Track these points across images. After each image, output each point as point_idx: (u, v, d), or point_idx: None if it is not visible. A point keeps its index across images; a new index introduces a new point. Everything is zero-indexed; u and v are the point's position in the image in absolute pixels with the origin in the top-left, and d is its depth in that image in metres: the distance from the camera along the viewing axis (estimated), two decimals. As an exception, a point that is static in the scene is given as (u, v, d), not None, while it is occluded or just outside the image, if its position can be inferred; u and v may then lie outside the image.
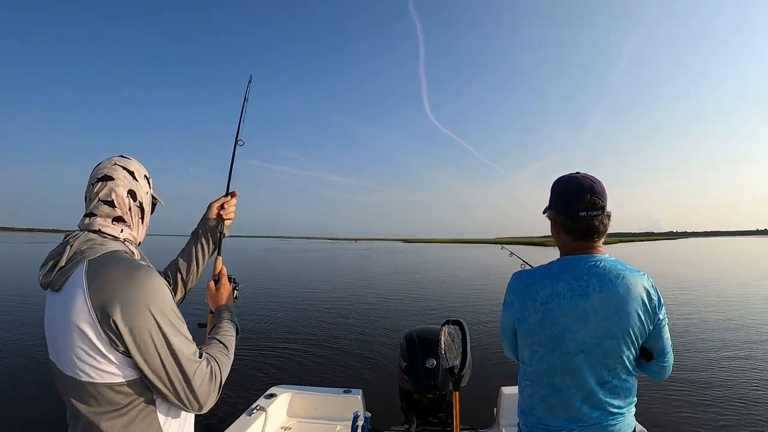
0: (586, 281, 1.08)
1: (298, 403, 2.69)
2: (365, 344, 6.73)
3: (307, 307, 10.16)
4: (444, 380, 2.39)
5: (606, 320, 1.06)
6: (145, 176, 1.05)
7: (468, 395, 2.21)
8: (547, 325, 1.10)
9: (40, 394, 4.53)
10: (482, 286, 14.54)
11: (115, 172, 0.98)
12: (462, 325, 1.93)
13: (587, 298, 1.07)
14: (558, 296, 1.09)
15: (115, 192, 0.97)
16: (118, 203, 0.97)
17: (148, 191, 1.06)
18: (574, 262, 1.12)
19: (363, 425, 2.22)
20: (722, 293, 12.26)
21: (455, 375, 1.82)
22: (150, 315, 0.82)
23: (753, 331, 7.41)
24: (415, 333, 2.69)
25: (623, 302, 1.06)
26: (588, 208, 1.10)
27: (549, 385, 1.13)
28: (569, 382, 1.10)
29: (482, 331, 7.24)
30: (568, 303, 1.08)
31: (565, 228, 1.15)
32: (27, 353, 6.13)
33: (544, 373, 1.13)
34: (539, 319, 1.11)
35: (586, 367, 1.09)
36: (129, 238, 1.00)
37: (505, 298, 1.24)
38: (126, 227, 0.99)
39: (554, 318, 1.09)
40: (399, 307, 10.21)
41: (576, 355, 1.08)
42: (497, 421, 2.57)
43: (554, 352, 1.10)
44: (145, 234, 1.09)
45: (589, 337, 1.07)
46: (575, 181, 1.15)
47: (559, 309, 1.08)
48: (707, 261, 27.19)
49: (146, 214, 1.06)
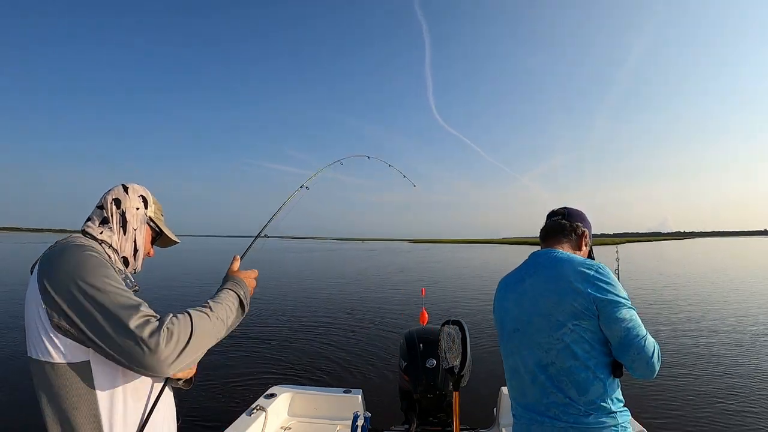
0: (525, 270, 1.30)
1: (298, 403, 2.69)
2: (365, 344, 6.72)
3: (308, 306, 10.16)
4: (444, 380, 2.39)
5: (535, 298, 1.21)
6: (141, 196, 1.15)
7: (468, 395, 2.22)
8: (496, 311, 1.38)
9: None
10: (484, 286, 14.53)
11: (115, 187, 1.14)
12: (462, 325, 1.94)
13: (522, 282, 1.28)
14: (504, 285, 1.36)
15: (105, 198, 1.11)
16: (105, 207, 1.09)
17: (140, 209, 1.14)
18: (528, 258, 1.34)
19: (363, 425, 2.22)
20: (715, 293, 12.25)
21: (455, 375, 1.82)
22: (77, 281, 0.86)
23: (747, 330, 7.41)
24: (415, 333, 2.69)
25: (551, 281, 1.19)
26: (550, 216, 1.43)
27: (507, 367, 1.32)
28: (517, 362, 1.26)
29: (483, 332, 7.24)
30: (511, 290, 1.31)
31: (541, 237, 1.42)
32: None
33: (504, 357, 1.34)
34: (495, 306, 1.39)
35: (524, 346, 1.23)
36: (107, 240, 1.06)
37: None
38: (107, 229, 1.07)
39: (499, 303, 1.36)
40: (400, 307, 10.21)
41: (513, 333, 1.26)
42: (497, 421, 2.57)
43: (502, 333, 1.32)
44: (133, 250, 1.12)
45: (522, 314, 1.24)
46: (554, 210, 1.45)
47: (502, 295, 1.35)
48: (706, 261, 27.19)
49: (129, 226, 1.10)
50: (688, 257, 32.63)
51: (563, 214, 1.39)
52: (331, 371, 5.45)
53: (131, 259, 1.11)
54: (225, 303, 0.98)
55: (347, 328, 7.81)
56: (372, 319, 8.70)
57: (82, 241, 0.98)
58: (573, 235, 1.34)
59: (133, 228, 1.11)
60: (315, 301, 11.28)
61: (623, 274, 1.75)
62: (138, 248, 1.13)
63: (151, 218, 1.16)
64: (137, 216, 1.12)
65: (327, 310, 9.68)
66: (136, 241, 1.12)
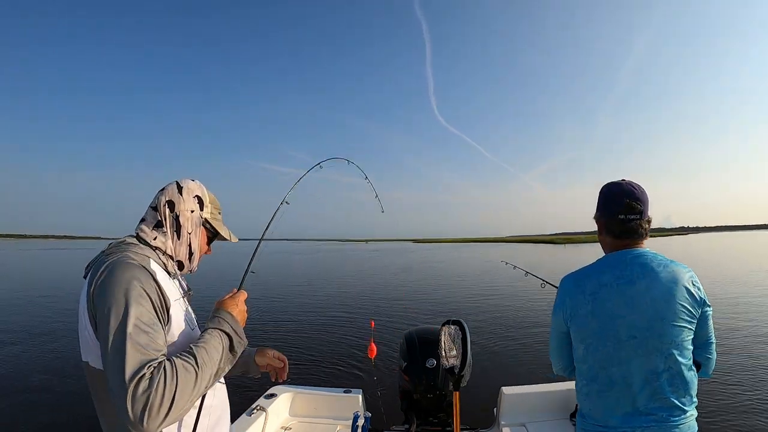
0: (630, 270, 1.17)
1: (298, 403, 2.69)
2: (366, 344, 6.73)
3: (308, 306, 10.17)
4: (444, 380, 2.39)
5: (654, 302, 1.12)
6: (196, 196, 1.11)
7: (468, 395, 2.22)
8: (597, 314, 1.16)
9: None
10: (485, 286, 14.52)
11: (169, 186, 1.10)
12: (462, 324, 1.93)
13: (633, 284, 1.15)
14: (605, 286, 1.17)
15: (159, 199, 1.07)
16: (159, 209, 1.06)
17: (195, 211, 1.10)
18: (618, 256, 1.21)
19: (363, 425, 2.22)
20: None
21: (455, 375, 1.82)
22: (112, 307, 0.83)
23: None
24: (415, 333, 2.69)
25: (669, 286, 1.13)
26: (626, 211, 1.21)
27: (605, 378, 1.16)
28: (624, 372, 1.13)
29: (483, 331, 7.24)
30: (615, 291, 1.15)
31: (607, 229, 1.26)
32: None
33: (598, 365, 1.17)
34: (590, 309, 1.17)
35: (639, 354, 1.12)
36: (160, 247, 1.04)
37: (555, 304, 1.30)
38: (161, 234, 1.04)
39: (603, 304, 1.16)
40: (401, 307, 10.22)
41: (628, 341, 1.13)
42: (497, 421, 2.57)
43: (607, 341, 1.15)
44: (188, 254, 1.10)
45: (639, 320, 1.12)
46: (618, 187, 1.26)
47: (608, 296, 1.16)
48: (704, 256, 27.13)
49: (183, 229, 1.07)
50: (689, 251, 32.55)
51: (641, 211, 1.22)
52: (331, 371, 5.46)
53: (186, 262, 1.10)
54: (208, 349, 0.89)
55: (347, 328, 7.82)
56: (373, 318, 8.70)
57: (133, 258, 0.93)
58: (648, 228, 1.25)
59: (187, 232, 1.08)
60: (315, 301, 11.28)
61: None
62: (193, 251, 1.11)
63: (206, 220, 1.13)
64: (192, 219, 1.09)
65: (327, 310, 9.68)
66: (191, 244, 1.09)
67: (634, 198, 1.22)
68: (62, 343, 7.00)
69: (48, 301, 11.38)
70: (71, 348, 6.55)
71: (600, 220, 1.30)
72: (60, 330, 7.88)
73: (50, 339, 7.25)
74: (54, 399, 4.62)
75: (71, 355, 6.19)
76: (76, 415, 4.16)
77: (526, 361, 5.75)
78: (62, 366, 5.74)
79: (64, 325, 8.27)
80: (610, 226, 1.24)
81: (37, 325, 8.34)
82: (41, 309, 10.13)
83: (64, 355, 6.30)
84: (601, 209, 1.30)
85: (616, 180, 1.31)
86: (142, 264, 0.93)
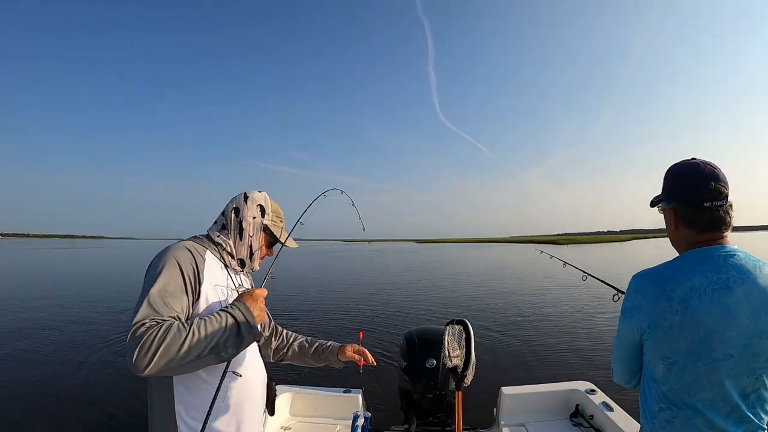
0: (725, 273, 0.93)
1: (298, 403, 2.69)
2: (366, 344, 6.71)
3: (308, 307, 10.16)
4: (444, 380, 2.39)
5: (753, 316, 0.91)
6: (259, 205, 1.29)
7: (468, 395, 2.22)
8: (689, 328, 0.92)
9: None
10: (487, 285, 14.53)
11: (238, 195, 1.30)
12: (466, 324, 1.94)
13: (730, 291, 0.92)
14: (698, 292, 0.92)
15: (228, 206, 1.28)
16: (226, 214, 1.27)
17: (256, 217, 1.28)
18: (708, 253, 0.97)
19: (363, 425, 2.22)
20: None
21: (458, 375, 1.82)
22: (153, 266, 1.06)
23: None
24: (415, 333, 2.69)
25: (766, 295, 0.91)
26: (713, 197, 0.97)
27: (693, 405, 0.94)
28: (714, 396, 0.93)
29: (483, 331, 7.24)
30: (710, 299, 0.91)
31: (688, 220, 1.01)
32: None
33: (686, 389, 0.94)
34: (678, 321, 0.93)
35: (731, 376, 0.92)
36: (222, 243, 1.23)
37: (624, 305, 1.05)
38: (225, 235, 1.25)
39: (697, 318, 0.92)
40: (401, 306, 10.21)
41: (724, 361, 0.91)
42: (497, 421, 2.57)
43: (698, 361, 0.92)
44: (249, 253, 1.28)
45: (737, 336, 0.91)
46: (695, 167, 1.01)
47: (702, 307, 0.91)
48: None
49: (245, 232, 1.26)
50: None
51: (727, 195, 0.98)
52: (331, 371, 5.44)
53: (247, 260, 1.28)
54: (211, 323, 0.98)
55: (347, 328, 7.82)
56: (372, 319, 8.70)
57: (187, 244, 1.14)
58: (733, 217, 1.01)
59: (249, 235, 1.26)
60: (315, 301, 11.28)
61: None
62: (253, 252, 1.28)
63: (266, 226, 1.30)
64: (253, 224, 1.27)
65: (327, 310, 9.68)
66: (251, 246, 1.27)
67: (719, 180, 0.98)
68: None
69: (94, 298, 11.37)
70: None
71: (674, 209, 1.04)
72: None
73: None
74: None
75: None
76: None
77: (526, 361, 5.76)
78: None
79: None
80: (693, 216, 0.99)
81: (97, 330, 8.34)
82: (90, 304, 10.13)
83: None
84: (677, 196, 1.03)
85: (686, 159, 1.05)
86: (190, 248, 1.12)
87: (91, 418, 4.15)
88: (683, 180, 1.02)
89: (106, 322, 8.39)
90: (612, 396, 2.48)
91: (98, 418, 4.14)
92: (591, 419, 2.39)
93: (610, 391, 2.62)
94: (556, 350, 6.17)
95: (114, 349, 6.52)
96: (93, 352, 6.39)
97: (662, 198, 1.07)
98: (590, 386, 2.63)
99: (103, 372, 5.51)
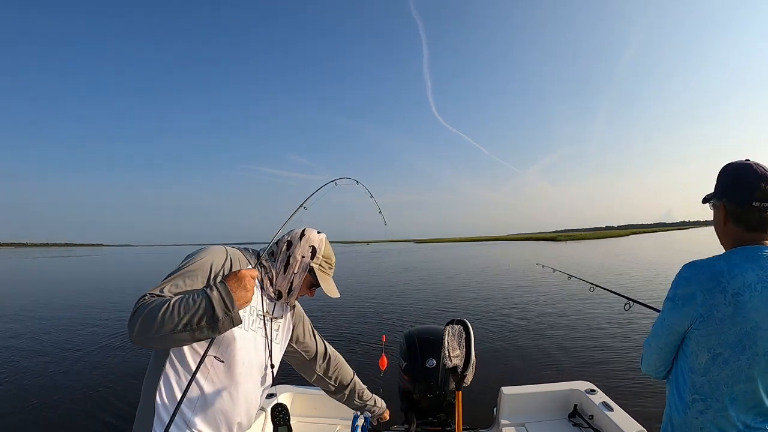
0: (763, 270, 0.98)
1: (298, 403, 2.69)
2: (366, 344, 6.73)
3: (307, 308, 10.13)
4: (444, 380, 2.39)
5: None
6: (311, 246, 1.29)
7: (468, 395, 2.22)
8: (739, 321, 0.97)
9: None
10: (487, 285, 14.52)
11: (297, 229, 1.32)
12: (466, 324, 1.94)
13: None
14: (750, 287, 0.96)
15: (283, 237, 1.31)
16: (279, 245, 1.29)
17: (305, 257, 1.27)
18: (757, 252, 1.01)
19: (363, 425, 2.22)
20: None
21: (458, 375, 1.82)
22: (190, 257, 1.13)
23: None
24: (414, 333, 2.69)
25: None
26: (762, 197, 1.01)
27: (728, 397, 0.99)
28: (748, 389, 0.98)
29: (483, 331, 7.23)
30: (759, 296, 0.96)
31: (737, 218, 1.05)
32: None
33: (726, 382, 0.99)
34: (730, 313, 0.97)
35: (765, 372, 0.98)
36: (265, 266, 1.25)
37: (674, 292, 1.07)
38: (271, 262, 1.27)
39: (747, 313, 0.96)
40: (401, 307, 10.22)
41: (764, 356, 0.97)
42: (497, 421, 2.57)
43: (742, 354, 0.97)
44: (288, 289, 1.27)
45: None
46: (748, 168, 1.05)
47: (752, 303, 0.96)
48: (705, 252, 27.03)
49: (290, 268, 1.26)
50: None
51: None
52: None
53: (285, 294, 1.28)
54: (186, 301, 0.97)
55: (348, 328, 7.82)
56: (372, 319, 8.70)
57: (237, 251, 1.20)
58: None
59: (293, 272, 1.26)
60: (315, 301, 11.26)
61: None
62: (293, 289, 1.28)
63: (312, 268, 1.28)
64: (300, 263, 1.26)
65: (326, 310, 9.68)
66: (292, 282, 1.27)
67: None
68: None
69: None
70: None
71: (725, 206, 1.08)
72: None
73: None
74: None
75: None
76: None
77: (526, 361, 5.75)
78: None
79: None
80: (743, 214, 1.03)
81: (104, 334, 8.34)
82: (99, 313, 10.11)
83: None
84: (728, 194, 1.07)
85: (740, 160, 1.10)
86: (231, 254, 1.16)
87: (91, 418, 4.15)
88: (735, 179, 1.06)
89: (106, 322, 8.39)
90: (612, 396, 2.48)
91: (98, 419, 4.14)
92: (591, 419, 2.39)
93: (609, 391, 2.63)
94: (556, 350, 6.17)
95: (115, 344, 6.51)
96: (90, 352, 6.39)
97: (714, 194, 1.12)
98: (590, 386, 2.63)
99: (103, 371, 5.51)
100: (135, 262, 41.13)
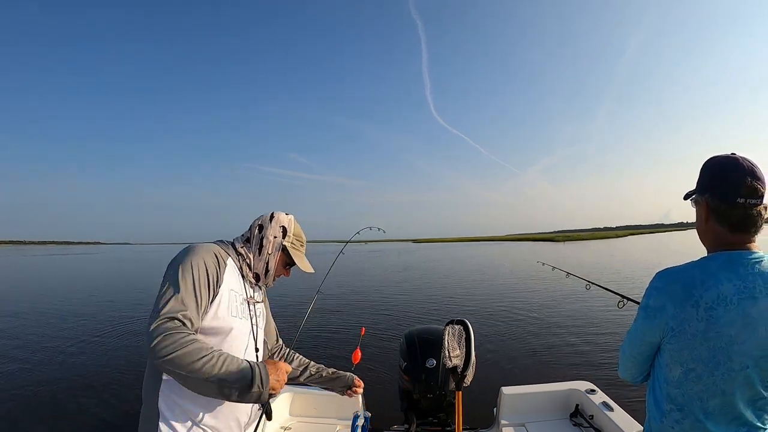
0: (752, 281, 0.92)
1: (298, 403, 2.69)
2: (365, 344, 6.72)
3: (306, 307, 10.13)
4: (444, 380, 2.39)
5: None
6: (282, 226, 1.35)
7: (468, 395, 2.22)
8: (711, 337, 0.91)
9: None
10: (486, 285, 14.53)
11: (266, 214, 1.36)
12: (466, 324, 1.94)
13: (755, 302, 0.90)
14: (725, 301, 0.91)
15: (254, 222, 1.35)
16: (251, 229, 1.34)
17: (277, 237, 1.33)
18: (737, 259, 0.94)
19: (363, 425, 2.22)
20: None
21: (458, 375, 1.82)
22: (182, 256, 1.13)
23: None
24: (415, 333, 2.69)
25: None
26: (748, 194, 0.93)
27: (702, 411, 0.95)
28: (722, 404, 0.94)
29: (483, 331, 7.24)
30: (735, 309, 0.90)
31: (721, 215, 0.97)
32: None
33: (698, 397, 0.95)
34: (702, 329, 0.92)
35: (744, 384, 0.92)
36: (243, 254, 1.29)
37: (646, 302, 1.02)
38: (247, 247, 1.31)
39: (720, 328, 0.91)
40: (401, 306, 10.21)
41: (740, 372, 0.91)
42: (497, 421, 2.57)
43: (716, 370, 0.92)
44: (265, 270, 1.33)
45: (756, 348, 0.91)
46: (734, 162, 0.97)
47: (727, 317, 0.90)
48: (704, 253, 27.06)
49: (264, 249, 1.31)
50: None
51: (763, 194, 0.95)
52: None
53: (262, 276, 1.33)
54: (231, 361, 1.02)
55: (346, 329, 7.81)
56: (372, 319, 8.70)
57: (215, 246, 1.22)
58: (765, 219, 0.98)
59: (267, 252, 1.31)
60: (317, 300, 11.26)
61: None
62: (269, 269, 1.33)
63: (285, 246, 1.34)
64: (273, 243, 1.32)
65: (326, 311, 9.67)
66: (268, 263, 1.32)
67: (756, 178, 0.94)
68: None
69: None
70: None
71: (707, 202, 1.00)
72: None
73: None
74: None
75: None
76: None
77: (526, 361, 5.76)
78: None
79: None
80: (725, 212, 0.96)
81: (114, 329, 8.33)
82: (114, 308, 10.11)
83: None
84: (711, 189, 0.99)
85: (724, 153, 1.00)
86: (215, 250, 1.19)
87: (90, 418, 4.14)
88: (720, 173, 0.98)
89: (105, 322, 8.39)
90: (612, 396, 2.48)
91: (98, 418, 4.13)
92: (591, 419, 2.39)
93: (610, 391, 2.63)
94: (556, 350, 6.17)
95: (114, 345, 6.51)
96: (89, 348, 6.39)
97: (696, 190, 1.04)
98: (590, 386, 2.63)
99: (103, 370, 5.51)
100: (132, 259, 41.90)
